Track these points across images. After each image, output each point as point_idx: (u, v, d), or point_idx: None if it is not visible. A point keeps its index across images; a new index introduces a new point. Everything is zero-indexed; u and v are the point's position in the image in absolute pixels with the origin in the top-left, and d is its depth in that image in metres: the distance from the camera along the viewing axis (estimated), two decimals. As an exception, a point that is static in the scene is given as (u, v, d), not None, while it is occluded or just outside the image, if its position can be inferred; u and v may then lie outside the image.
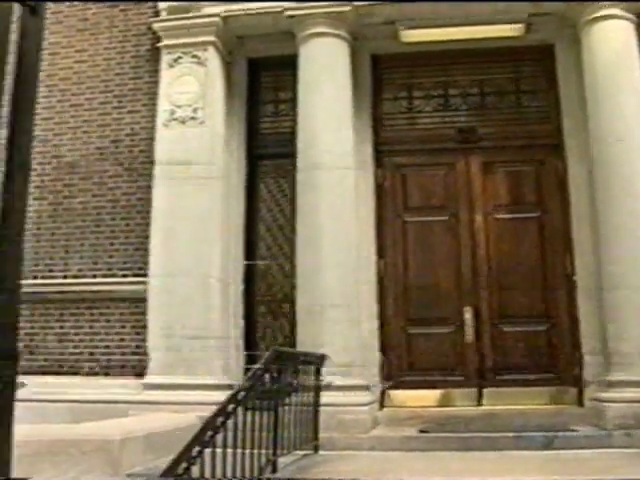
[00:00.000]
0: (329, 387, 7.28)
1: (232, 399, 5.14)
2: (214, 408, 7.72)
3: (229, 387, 8.27)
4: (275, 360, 5.93)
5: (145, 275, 8.58)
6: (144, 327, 8.45)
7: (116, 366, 8.65)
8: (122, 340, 8.68)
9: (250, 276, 9.06)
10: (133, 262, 8.81)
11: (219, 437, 4.89)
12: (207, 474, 4.67)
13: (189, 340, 8.19)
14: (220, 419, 4.92)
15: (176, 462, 4.37)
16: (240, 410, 5.21)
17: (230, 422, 5.06)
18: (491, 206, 8.94)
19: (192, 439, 4.63)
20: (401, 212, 9.06)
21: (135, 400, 8.07)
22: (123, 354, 8.66)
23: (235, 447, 5.16)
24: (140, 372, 8.45)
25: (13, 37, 2.59)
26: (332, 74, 8.55)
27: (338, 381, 7.51)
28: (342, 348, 7.81)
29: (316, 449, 6.99)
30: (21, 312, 2.74)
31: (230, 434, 5.09)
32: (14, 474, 2.58)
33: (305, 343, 7.78)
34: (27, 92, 2.69)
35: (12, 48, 2.54)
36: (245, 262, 9.00)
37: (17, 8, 2.61)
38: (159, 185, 8.63)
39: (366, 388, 8.03)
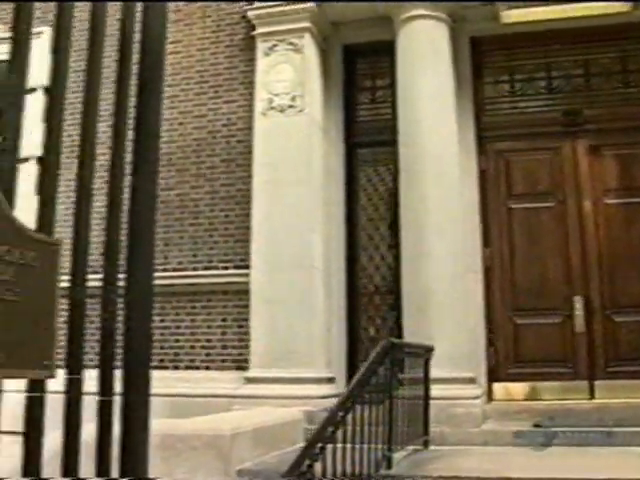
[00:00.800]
0: (438, 379, 7.07)
1: (351, 393, 4.99)
2: (317, 402, 7.69)
3: (330, 380, 8.16)
4: (388, 352, 5.74)
5: (246, 267, 8.48)
6: (246, 320, 8.36)
7: (217, 360, 8.58)
8: (223, 333, 8.60)
9: (352, 266, 8.89)
10: (234, 254, 8.72)
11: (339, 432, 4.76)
12: (328, 471, 4.53)
13: (292, 333, 8.06)
14: (340, 414, 4.76)
15: (300, 459, 4.24)
16: (358, 405, 5.06)
17: (349, 417, 4.90)
18: (600, 191, 8.58)
19: (314, 435, 4.50)
20: (505, 199, 8.76)
21: (237, 394, 8.00)
22: (224, 347, 8.58)
23: (353, 442, 5.01)
24: (241, 365, 8.37)
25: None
26: (433, 57, 8.29)
27: (446, 373, 7.29)
28: (449, 339, 7.55)
29: (426, 444, 6.80)
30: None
31: (349, 429, 4.94)
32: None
33: (411, 334, 7.56)
34: (153, 84, 2.65)
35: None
36: (347, 252, 8.83)
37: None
38: (258, 175, 8.53)
39: (474, 380, 7.77)
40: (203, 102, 9.20)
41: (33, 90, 8.38)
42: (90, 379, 2.43)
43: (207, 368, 8.58)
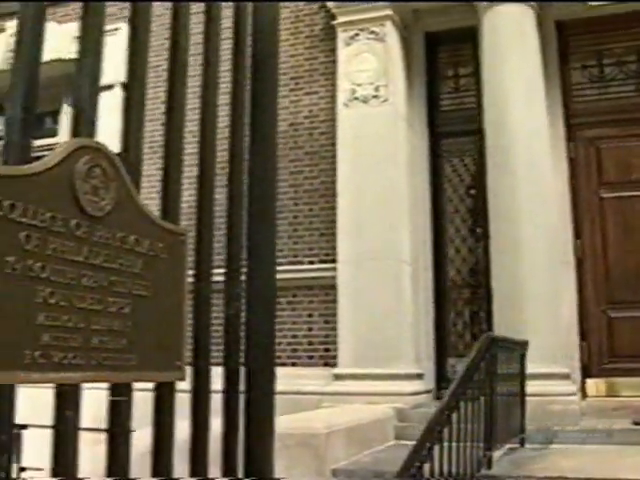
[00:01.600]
0: (532, 375, 6.84)
1: (456, 391, 4.83)
2: (406, 399, 7.53)
3: (419, 376, 8.00)
4: (489, 347, 5.56)
5: (332, 261, 8.33)
6: (333, 315, 8.21)
7: (303, 356, 8.46)
8: (310, 329, 8.47)
9: (439, 259, 8.70)
10: (319, 248, 8.58)
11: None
12: (435, 471, 4.39)
13: (380, 328, 7.88)
14: (446, 413, 4.60)
15: (410, 461, 4.10)
16: (462, 402, 4.91)
17: (454, 415, 4.75)
18: (698, 178, 8.25)
19: (423, 435, 4.36)
20: (596, 188, 8.46)
21: (325, 391, 7.87)
22: (310, 344, 8.46)
23: (458, 441, 4.86)
24: (329, 362, 8.24)
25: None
26: (520, 43, 7.99)
27: (541, 369, 7.03)
28: (542, 334, 7.28)
29: (522, 442, 6.58)
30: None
31: (454, 427, 4.79)
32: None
33: (501, 329, 7.29)
34: (267, 85, 2.63)
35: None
36: (433, 244, 8.65)
37: None
38: (343, 167, 8.38)
39: (569, 376, 7.51)
40: (284, 94, 9.05)
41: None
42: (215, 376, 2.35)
43: (293, 365, 8.45)
